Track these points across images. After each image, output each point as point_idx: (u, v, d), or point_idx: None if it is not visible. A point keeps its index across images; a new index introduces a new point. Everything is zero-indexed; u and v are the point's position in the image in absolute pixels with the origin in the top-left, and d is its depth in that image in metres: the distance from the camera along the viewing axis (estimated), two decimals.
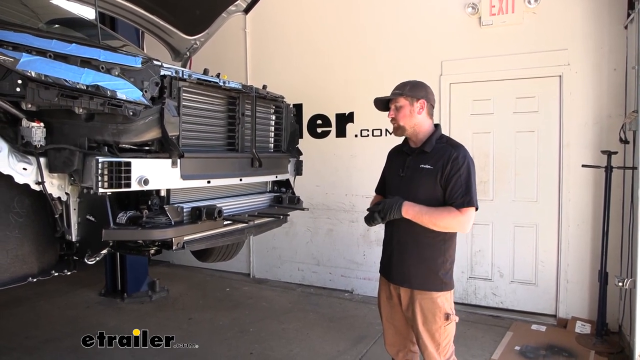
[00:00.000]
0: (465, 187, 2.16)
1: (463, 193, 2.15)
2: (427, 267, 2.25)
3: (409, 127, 2.31)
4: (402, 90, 2.30)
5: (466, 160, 2.19)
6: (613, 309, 3.92)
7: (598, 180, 3.99)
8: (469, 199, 2.15)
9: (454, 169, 2.17)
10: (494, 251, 4.57)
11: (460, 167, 2.17)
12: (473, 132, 4.54)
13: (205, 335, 3.99)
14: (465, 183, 2.16)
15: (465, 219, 2.16)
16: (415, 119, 2.30)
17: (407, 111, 2.29)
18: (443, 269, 2.25)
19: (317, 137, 5.31)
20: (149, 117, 2.05)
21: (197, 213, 2.26)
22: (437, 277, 2.25)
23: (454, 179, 2.16)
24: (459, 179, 2.16)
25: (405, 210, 2.16)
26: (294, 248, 5.53)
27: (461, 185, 2.16)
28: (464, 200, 2.15)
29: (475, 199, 2.17)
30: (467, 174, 2.17)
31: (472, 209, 2.17)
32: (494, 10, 4.29)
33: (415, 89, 2.30)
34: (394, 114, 2.32)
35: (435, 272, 2.25)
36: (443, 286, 2.25)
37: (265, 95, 2.93)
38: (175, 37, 3.80)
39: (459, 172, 2.17)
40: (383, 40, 4.88)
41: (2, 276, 1.96)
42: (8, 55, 1.70)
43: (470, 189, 2.16)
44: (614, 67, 3.98)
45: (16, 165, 1.83)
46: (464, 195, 2.15)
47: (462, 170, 2.17)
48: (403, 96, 2.29)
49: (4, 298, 4.69)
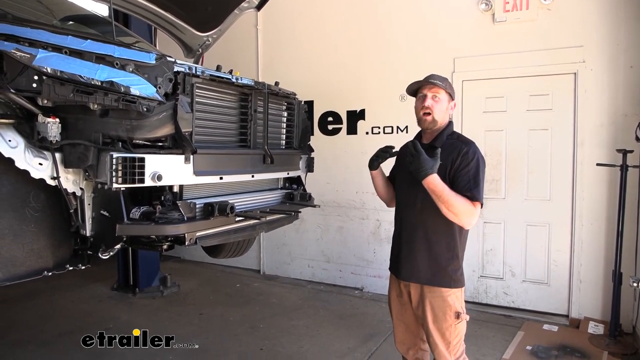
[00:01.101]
0: (474, 181, 2.12)
1: (472, 187, 2.11)
2: (436, 263, 2.23)
3: (440, 122, 2.27)
4: (444, 84, 2.25)
5: (476, 156, 2.16)
6: (627, 310, 3.87)
7: (613, 179, 3.94)
8: (476, 194, 2.11)
9: (463, 162, 2.14)
10: (506, 250, 4.53)
11: (470, 162, 2.14)
12: (486, 130, 4.51)
13: (215, 331, 4.02)
14: (473, 178, 2.12)
15: (473, 213, 2.11)
16: (446, 117, 2.29)
17: (444, 106, 2.27)
18: (452, 266, 2.23)
19: (328, 134, 5.31)
20: (163, 113, 2.06)
21: (209, 209, 2.27)
22: (446, 273, 2.22)
23: (462, 172, 2.13)
24: (467, 173, 2.13)
25: (431, 179, 2.04)
26: (304, 245, 5.54)
27: (469, 180, 2.12)
28: (472, 195, 2.10)
29: (481, 196, 2.13)
30: (476, 169, 2.14)
31: (479, 205, 2.13)
32: (508, 6, 4.24)
33: (451, 88, 2.30)
34: (431, 103, 2.24)
35: (444, 268, 2.22)
36: (452, 283, 2.23)
37: (277, 91, 2.93)
38: (187, 34, 3.81)
39: (468, 167, 2.13)
40: (395, 37, 4.86)
41: (18, 270, 1.98)
42: (24, 52, 1.71)
43: (478, 184, 2.12)
44: (631, 65, 3.92)
45: (32, 161, 1.85)
46: (472, 190, 2.11)
47: (472, 165, 2.14)
48: (446, 90, 2.26)
49: (20, 291, 4.77)
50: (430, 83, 2.24)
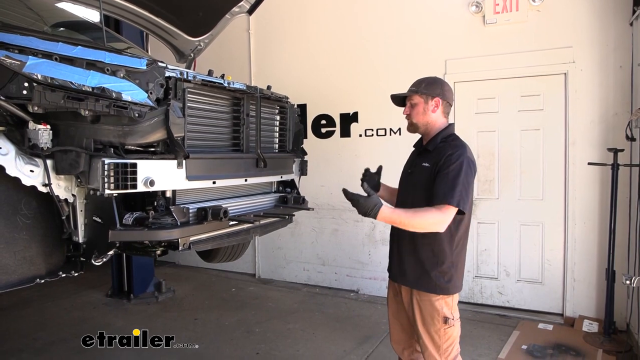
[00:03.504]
0: (451, 184, 2.06)
1: (445, 190, 2.05)
2: (421, 267, 2.22)
3: (421, 125, 2.30)
4: (417, 88, 2.29)
5: (460, 159, 2.11)
6: (621, 308, 3.90)
7: (604, 178, 3.97)
8: (449, 196, 2.04)
9: (444, 165, 2.12)
10: (500, 250, 4.56)
11: (450, 165, 2.10)
12: (478, 131, 4.53)
13: (211, 336, 4.00)
14: (451, 180, 2.07)
15: (440, 216, 2.04)
16: (429, 117, 2.28)
17: (421, 109, 2.28)
18: (437, 271, 2.19)
19: (321, 137, 5.31)
20: (155, 118, 2.06)
21: (202, 213, 2.26)
22: (430, 278, 2.19)
23: (441, 174, 2.10)
24: (446, 175, 2.09)
25: (380, 216, 2.01)
26: (299, 248, 5.53)
27: (446, 182, 2.07)
28: (444, 197, 2.05)
29: (456, 199, 2.04)
30: (456, 172, 2.08)
31: (450, 207, 2.04)
32: (498, 8, 4.27)
33: (430, 87, 2.27)
34: (409, 110, 2.32)
35: (428, 273, 2.20)
36: (437, 289, 2.19)
37: (269, 95, 2.93)
38: (179, 39, 3.81)
39: (447, 169, 2.10)
40: (387, 39, 4.88)
41: (10, 277, 1.97)
42: (14, 58, 1.71)
43: (455, 187, 2.05)
44: (620, 65, 3.95)
45: (23, 168, 1.83)
46: (444, 192, 2.05)
47: (453, 167, 2.09)
48: (418, 94, 2.28)
49: (12, 299, 4.73)
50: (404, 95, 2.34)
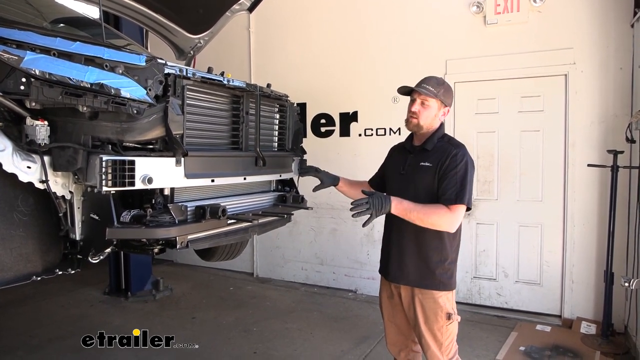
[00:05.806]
0: (460, 184, 2.13)
1: (457, 190, 2.12)
2: (425, 266, 2.24)
3: (425, 127, 2.28)
4: (437, 92, 2.24)
5: (465, 159, 2.18)
6: (619, 310, 3.89)
7: (604, 179, 3.97)
8: (461, 196, 2.11)
9: (451, 165, 2.16)
10: (499, 251, 4.55)
11: (457, 164, 2.15)
12: (478, 132, 4.53)
13: (208, 335, 3.99)
14: (460, 181, 2.13)
15: (453, 216, 2.12)
16: (435, 122, 2.29)
17: (432, 113, 2.26)
18: (441, 269, 2.23)
19: (321, 136, 5.30)
20: (153, 115, 2.03)
21: (201, 212, 2.24)
22: (435, 276, 2.23)
23: (449, 174, 2.15)
24: (455, 175, 2.14)
25: (394, 206, 2.07)
26: (297, 247, 5.52)
27: (455, 182, 2.13)
28: (456, 197, 2.11)
29: (467, 198, 2.13)
30: (463, 172, 2.15)
31: (462, 207, 2.13)
32: (499, 9, 4.27)
33: (447, 95, 2.27)
34: (418, 109, 2.26)
35: (433, 272, 2.23)
36: (441, 286, 2.23)
37: (269, 94, 2.92)
38: (179, 36, 3.79)
39: (455, 169, 2.15)
40: (388, 39, 4.87)
41: (6, 275, 1.95)
42: (12, 53, 1.69)
43: (465, 187, 2.13)
44: (620, 66, 3.95)
45: (20, 164, 1.81)
46: (456, 192, 2.12)
47: (460, 167, 2.15)
48: (437, 98, 2.24)
49: (8, 297, 4.71)
50: (417, 91, 2.25)
